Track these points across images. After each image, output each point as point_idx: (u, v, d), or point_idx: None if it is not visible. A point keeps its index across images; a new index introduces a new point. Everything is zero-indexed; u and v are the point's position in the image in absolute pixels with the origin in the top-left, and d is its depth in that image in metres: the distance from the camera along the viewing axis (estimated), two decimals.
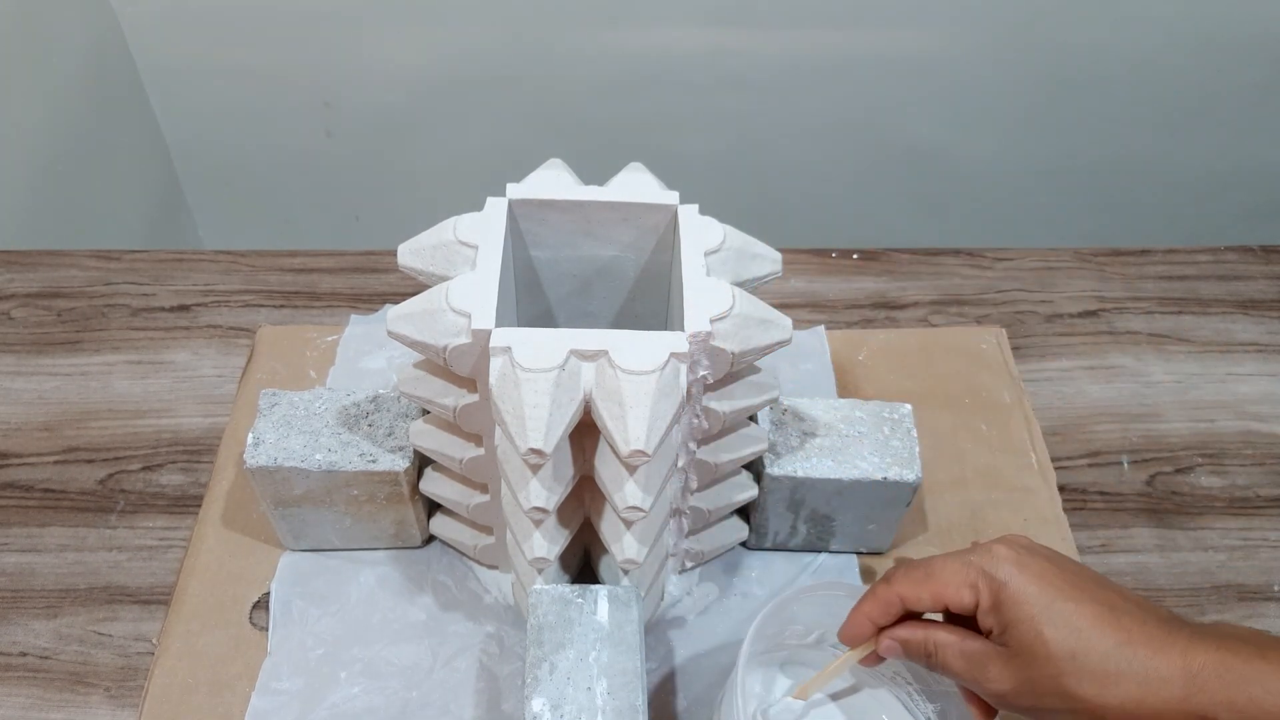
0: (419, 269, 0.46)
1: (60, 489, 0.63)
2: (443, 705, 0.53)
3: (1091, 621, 0.39)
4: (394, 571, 0.58)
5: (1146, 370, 0.72)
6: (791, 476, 0.53)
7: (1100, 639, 0.38)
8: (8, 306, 0.74)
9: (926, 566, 0.43)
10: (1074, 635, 0.39)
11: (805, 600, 0.49)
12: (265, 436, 0.53)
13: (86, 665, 0.55)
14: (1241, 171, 1.17)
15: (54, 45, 0.93)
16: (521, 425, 0.39)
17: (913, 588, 0.43)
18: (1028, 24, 1.03)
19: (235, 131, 1.12)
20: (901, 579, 0.44)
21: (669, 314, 0.51)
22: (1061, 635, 0.39)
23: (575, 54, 1.05)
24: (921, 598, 0.43)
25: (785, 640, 0.52)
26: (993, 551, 0.42)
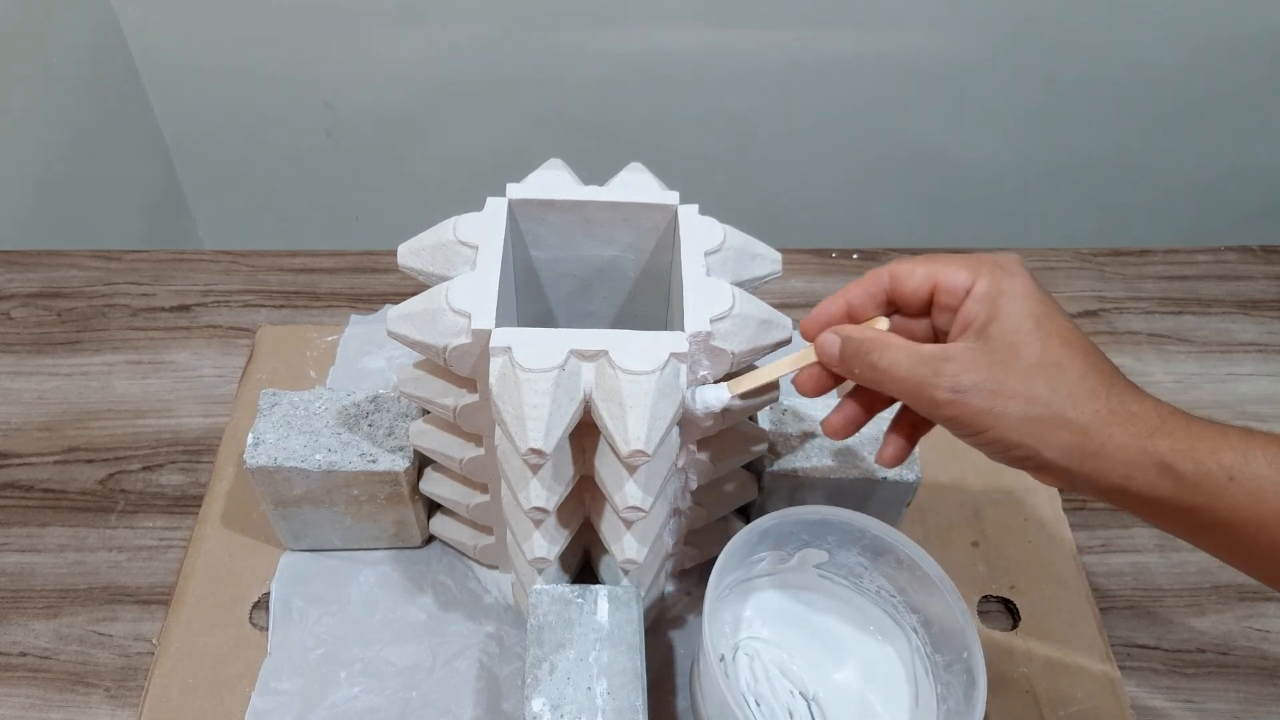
0: (419, 269, 0.46)
1: (60, 489, 0.63)
2: (443, 705, 0.53)
3: (1082, 347, 0.37)
4: (394, 571, 0.58)
5: (1146, 370, 0.72)
6: (791, 476, 0.53)
7: (1084, 360, 0.37)
8: (8, 306, 0.74)
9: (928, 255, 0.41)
10: (1063, 345, 0.37)
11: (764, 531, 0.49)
12: (265, 436, 0.53)
13: (86, 665, 0.55)
14: (1241, 171, 1.16)
15: (54, 45, 0.93)
16: (521, 425, 0.39)
17: (909, 264, 0.41)
18: (1028, 24, 1.03)
19: (235, 131, 1.12)
20: (899, 260, 0.41)
21: (669, 314, 0.51)
22: (1051, 343, 0.37)
23: (575, 54, 1.05)
24: (915, 272, 0.40)
25: (753, 574, 0.53)
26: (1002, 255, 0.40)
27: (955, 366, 0.37)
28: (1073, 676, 0.55)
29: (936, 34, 1.04)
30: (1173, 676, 0.56)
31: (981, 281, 0.39)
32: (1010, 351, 0.37)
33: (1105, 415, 0.36)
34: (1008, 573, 0.59)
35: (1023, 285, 0.38)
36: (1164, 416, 0.36)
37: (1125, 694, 0.54)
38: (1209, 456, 0.35)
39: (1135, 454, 0.36)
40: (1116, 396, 0.37)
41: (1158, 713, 0.54)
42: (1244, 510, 0.35)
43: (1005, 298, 0.38)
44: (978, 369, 0.37)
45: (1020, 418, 0.36)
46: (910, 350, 0.39)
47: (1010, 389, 0.37)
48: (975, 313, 0.38)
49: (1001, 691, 0.54)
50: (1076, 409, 0.36)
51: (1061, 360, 0.37)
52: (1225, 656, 0.57)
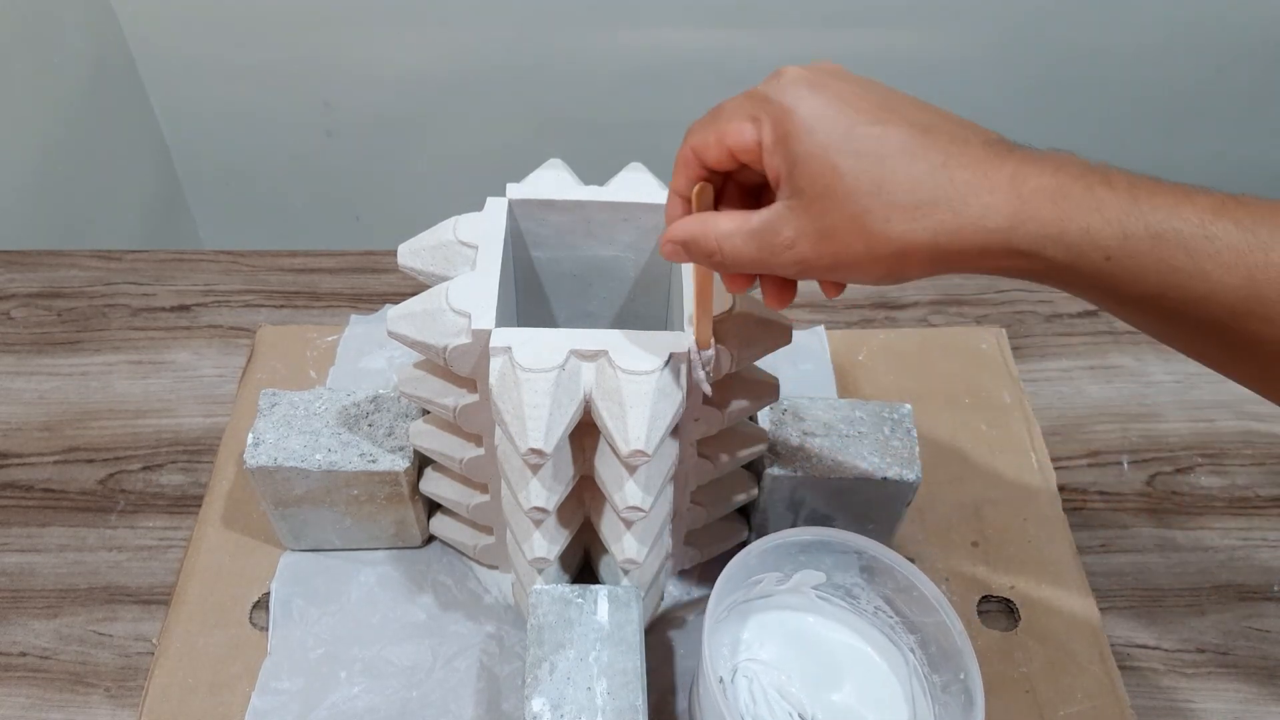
0: (419, 269, 0.46)
1: (60, 489, 0.63)
2: (443, 705, 0.53)
3: (900, 146, 0.32)
4: (394, 571, 0.58)
5: (1146, 370, 0.72)
6: (791, 476, 0.53)
7: (911, 164, 0.32)
8: (8, 306, 0.74)
9: (715, 108, 0.36)
10: (877, 164, 0.32)
11: (763, 552, 0.49)
12: (265, 436, 0.53)
13: (86, 665, 0.55)
14: (1241, 171, 1.16)
15: (54, 45, 0.93)
16: (521, 425, 0.39)
17: (700, 134, 0.36)
18: (1028, 24, 1.03)
19: (235, 131, 1.12)
20: (694, 128, 0.37)
21: (669, 314, 0.52)
22: (862, 166, 0.32)
23: (575, 54, 1.05)
24: (709, 143, 0.36)
25: (752, 595, 0.53)
26: (781, 74, 0.34)
27: (785, 235, 0.34)
28: (1073, 676, 0.55)
29: (936, 34, 1.04)
30: (1173, 676, 0.56)
31: (766, 129, 0.34)
32: (825, 194, 0.33)
33: (951, 221, 0.32)
34: (1008, 573, 0.59)
35: (809, 111, 0.33)
36: (1025, 195, 0.31)
37: (1125, 694, 0.54)
38: (1081, 236, 0.31)
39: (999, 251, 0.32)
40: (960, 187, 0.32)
41: (1158, 713, 0.54)
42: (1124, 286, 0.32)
43: (794, 139, 0.33)
44: (806, 230, 0.33)
45: (866, 259, 0.33)
46: (742, 231, 0.35)
47: (843, 236, 0.33)
48: (775, 164, 0.34)
49: (1001, 691, 0.54)
50: (916, 228, 0.32)
51: (880, 178, 0.32)
52: (1225, 656, 0.57)
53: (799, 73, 0.34)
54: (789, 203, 0.34)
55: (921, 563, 0.59)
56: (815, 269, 0.35)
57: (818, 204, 0.33)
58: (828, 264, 0.34)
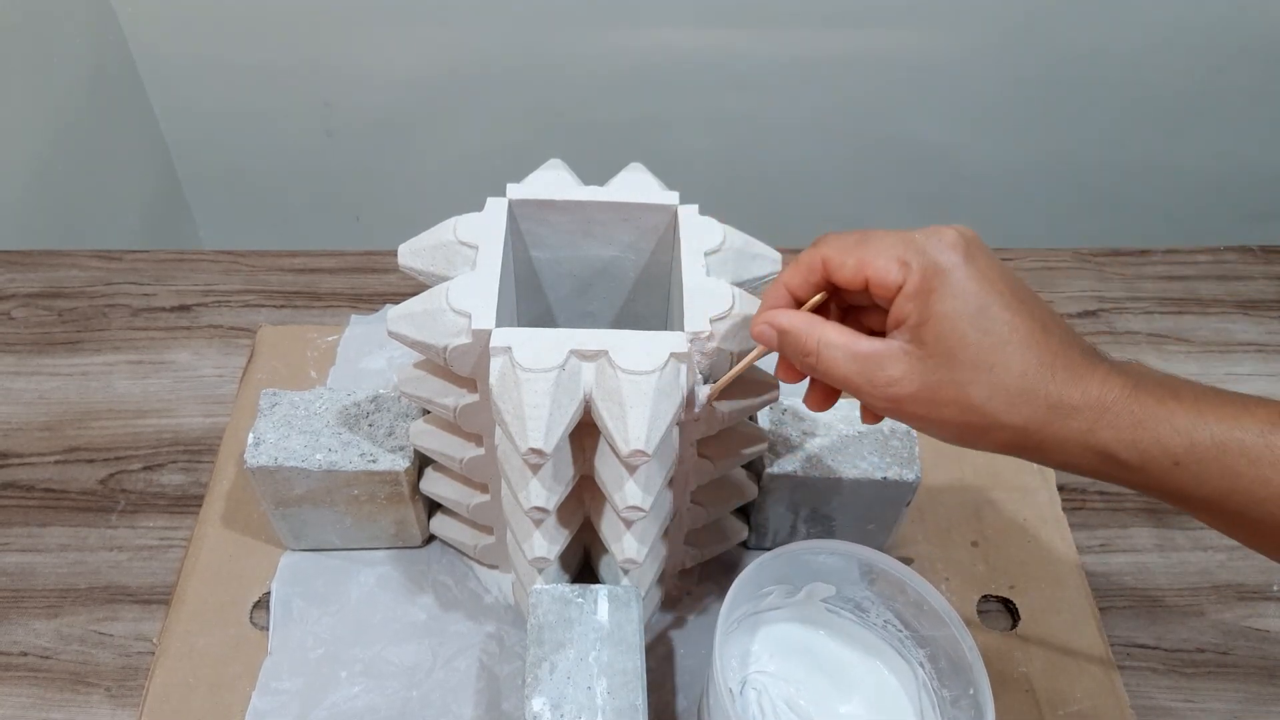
0: (419, 269, 0.46)
1: (61, 489, 0.63)
2: (443, 705, 0.53)
3: (1021, 336, 0.35)
4: (394, 571, 0.58)
5: None
6: (791, 476, 0.53)
7: (1023, 356, 0.35)
8: (8, 306, 0.74)
9: (862, 233, 0.38)
10: (998, 346, 0.35)
11: (775, 564, 0.49)
12: (266, 436, 0.53)
13: (87, 665, 0.55)
14: (1241, 171, 1.16)
15: (54, 45, 0.93)
16: (521, 425, 0.39)
17: (840, 252, 0.38)
18: (1028, 24, 1.03)
19: (235, 131, 1.12)
20: (831, 241, 0.38)
21: (669, 314, 0.52)
22: (986, 342, 0.35)
23: (575, 54, 1.05)
24: (846, 263, 0.37)
25: (762, 606, 0.53)
26: (941, 234, 0.36)
27: (889, 374, 0.36)
28: (1073, 676, 0.55)
29: (936, 34, 1.04)
30: (1172, 676, 0.56)
31: (913, 278, 0.36)
32: (944, 355, 0.35)
33: (1043, 414, 0.35)
34: (1008, 573, 0.59)
35: (958, 279, 0.35)
36: (1108, 404, 0.35)
37: (1125, 694, 0.54)
38: (1152, 444, 0.34)
39: (1076, 448, 0.35)
40: (1058, 388, 0.35)
41: (1158, 712, 0.54)
42: (1189, 490, 0.35)
43: (938, 296, 0.36)
44: (911, 377, 0.36)
45: (957, 423, 0.36)
46: (847, 349, 0.37)
47: (944, 396, 0.36)
48: (907, 311, 0.36)
49: (1001, 691, 0.54)
50: (1012, 412, 0.35)
51: (996, 361, 0.35)
52: (1225, 656, 0.57)
53: (955, 238, 0.36)
54: (906, 347, 0.36)
55: (921, 563, 0.59)
56: (902, 411, 0.37)
57: (933, 360, 0.36)
58: (918, 413, 0.37)
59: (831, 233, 0.39)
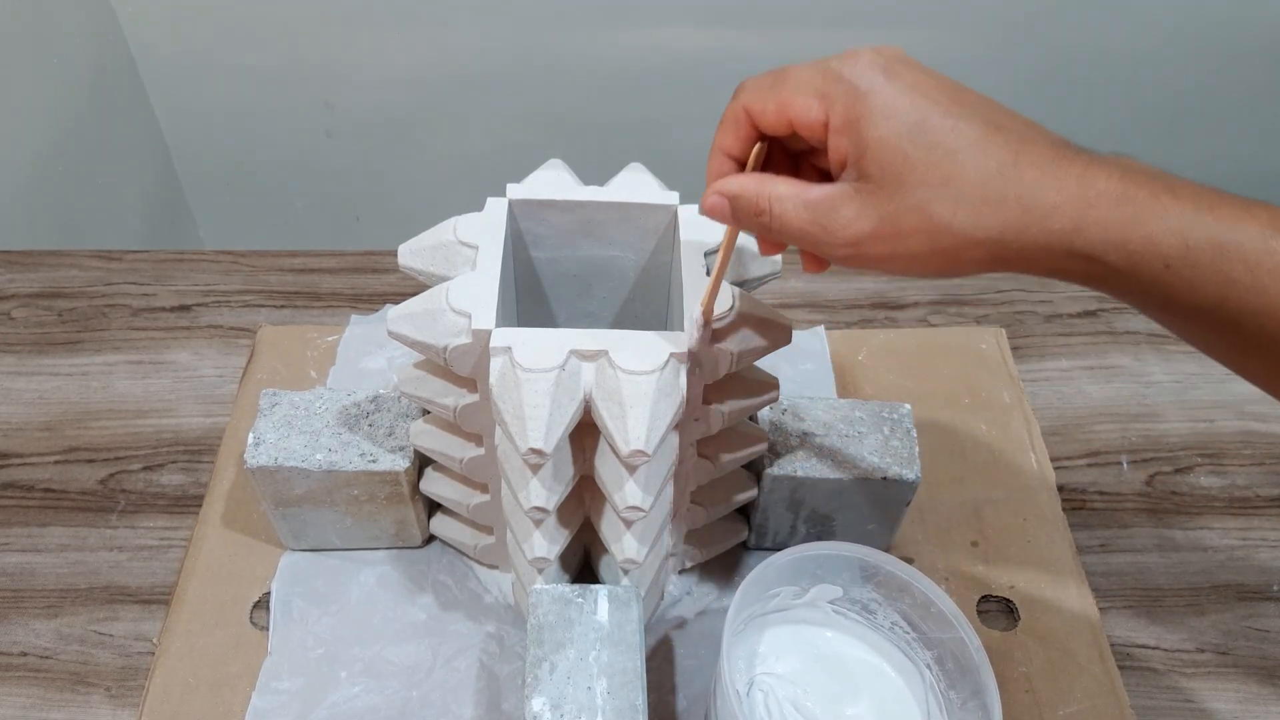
0: (419, 269, 0.46)
1: (61, 489, 0.63)
2: (443, 705, 0.53)
3: (972, 141, 0.32)
4: (394, 571, 0.58)
5: (1146, 370, 0.72)
6: (791, 476, 0.53)
7: (981, 160, 0.32)
8: (8, 306, 0.74)
9: (778, 72, 0.35)
10: (948, 157, 0.32)
11: (782, 565, 0.49)
12: (266, 436, 0.53)
13: (87, 665, 0.55)
14: (1241, 172, 1.16)
15: (54, 45, 0.93)
16: (521, 425, 0.39)
17: (758, 97, 0.35)
18: (1028, 24, 1.03)
19: (235, 131, 1.12)
20: (749, 87, 0.36)
21: (669, 314, 0.52)
22: (934, 156, 0.32)
23: (575, 54, 1.05)
24: (767, 109, 0.35)
25: (769, 608, 0.53)
26: (856, 56, 0.34)
27: (843, 216, 0.34)
28: (1073, 676, 0.55)
29: (936, 34, 1.04)
30: (1172, 676, 0.56)
31: (835, 109, 0.34)
32: (894, 182, 0.33)
33: (1018, 218, 0.32)
34: (1008, 573, 0.59)
35: (884, 98, 0.33)
36: (1092, 199, 0.31)
37: (1125, 694, 0.54)
38: (1144, 244, 0.31)
39: (1059, 252, 0.32)
40: (1029, 187, 0.32)
41: (1158, 712, 0.54)
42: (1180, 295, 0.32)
43: (867, 122, 0.33)
44: (865, 214, 0.33)
45: (925, 252, 0.33)
46: (797, 200, 0.35)
47: (904, 226, 0.33)
48: (842, 146, 0.34)
49: (1001, 691, 0.54)
50: (982, 223, 0.32)
51: (950, 173, 0.32)
52: (1225, 656, 0.57)
53: (873, 57, 0.34)
54: (854, 184, 0.34)
55: (921, 563, 0.59)
56: (866, 253, 0.34)
57: (884, 190, 0.33)
58: (881, 251, 0.34)
59: (749, 77, 0.36)
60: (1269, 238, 0.30)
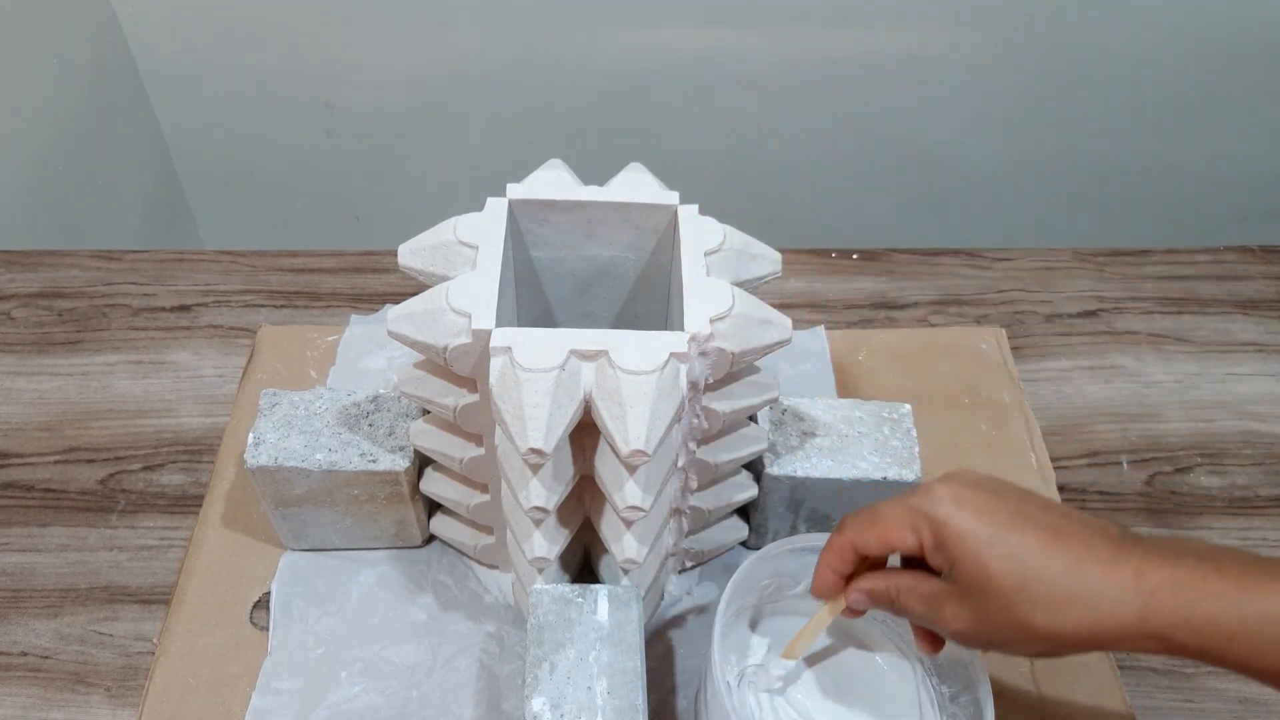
0: (419, 269, 0.46)
1: (61, 489, 0.63)
2: (443, 705, 0.53)
3: (1036, 550, 0.38)
4: (394, 571, 0.58)
5: (1146, 370, 0.72)
6: (791, 476, 0.53)
7: (1047, 566, 0.38)
8: (8, 306, 0.74)
9: (872, 511, 0.43)
10: (1019, 566, 0.38)
11: (774, 558, 0.49)
12: (266, 436, 0.53)
13: (87, 665, 0.55)
14: (1241, 172, 1.16)
15: (54, 45, 0.93)
16: (521, 425, 0.39)
17: (860, 534, 0.43)
18: (1028, 24, 1.03)
19: (235, 131, 1.12)
20: (850, 526, 0.43)
21: (669, 314, 0.52)
22: (1007, 567, 0.38)
23: (575, 54, 1.04)
24: (869, 542, 0.42)
25: (760, 599, 0.53)
26: (931, 491, 0.41)
27: (948, 613, 0.40)
28: (1073, 676, 0.55)
29: (936, 34, 1.04)
30: (1173, 677, 0.56)
31: (925, 538, 0.41)
32: (980, 590, 0.39)
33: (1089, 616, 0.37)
34: None
35: (958, 523, 0.39)
36: (1149, 591, 0.36)
37: (1125, 694, 0.54)
38: (1205, 623, 0.35)
39: (1134, 636, 0.37)
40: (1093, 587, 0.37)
41: (1158, 713, 0.54)
42: (1252, 663, 0.36)
43: (949, 545, 0.39)
44: (963, 614, 0.40)
45: (1022, 642, 0.39)
46: (918, 593, 0.41)
47: (997, 624, 0.39)
48: (938, 562, 0.41)
49: (1001, 692, 0.54)
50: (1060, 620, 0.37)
51: (1023, 579, 0.38)
52: None
53: (944, 491, 0.41)
54: (951, 588, 0.40)
55: None
56: (973, 643, 0.41)
57: (973, 595, 0.39)
58: (984, 641, 0.40)
59: (847, 516, 0.44)
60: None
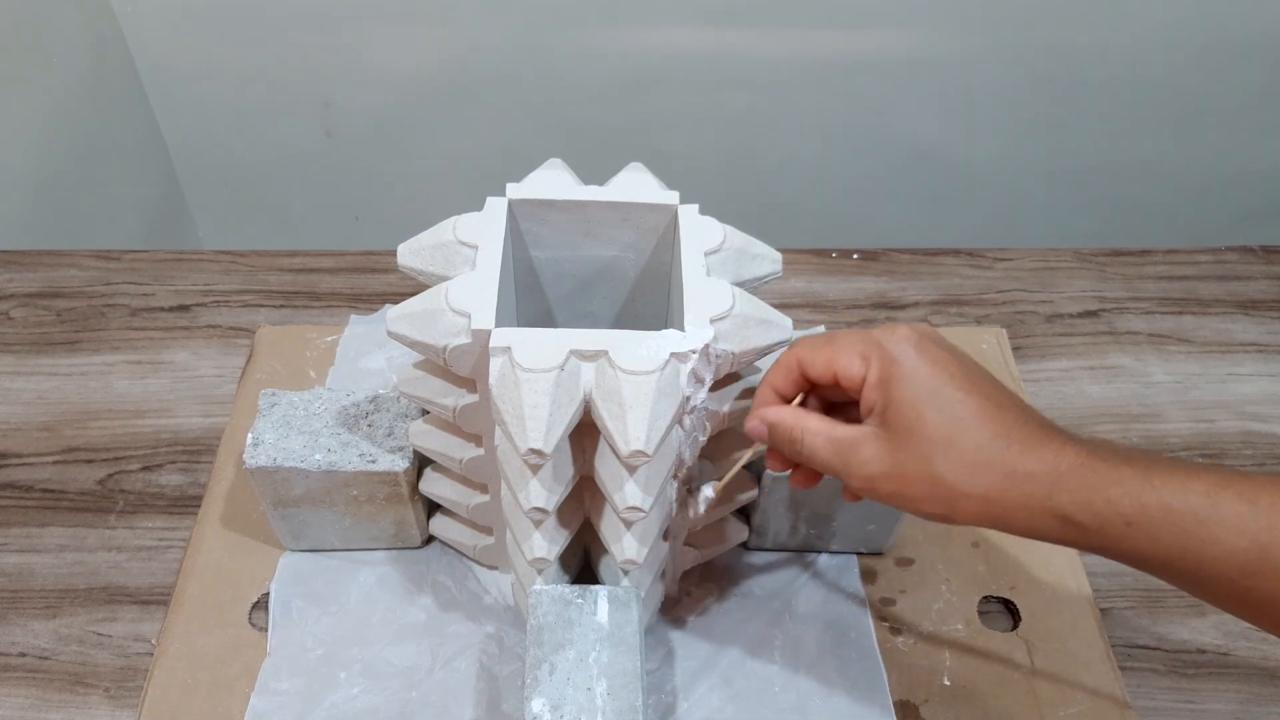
0: (419, 269, 0.46)
1: (60, 489, 0.63)
2: (442, 706, 0.53)
3: (974, 412, 0.39)
4: (394, 571, 0.58)
5: (1147, 370, 0.72)
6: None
7: (977, 429, 0.38)
8: (7, 306, 0.74)
9: (829, 334, 0.43)
10: (953, 422, 0.38)
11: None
12: (265, 437, 0.53)
13: (86, 665, 0.55)
14: (1241, 172, 1.16)
15: (54, 45, 0.93)
16: (521, 425, 0.39)
17: (810, 350, 0.42)
18: (1028, 24, 1.02)
19: (235, 131, 1.12)
20: (802, 344, 0.43)
21: (669, 314, 0.51)
22: (942, 420, 0.38)
23: (575, 54, 1.04)
24: (816, 361, 0.42)
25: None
26: (895, 330, 0.41)
27: (862, 456, 0.40)
28: (1073, 676, 0.54)
29: (937, 34, 1.04)
30: (1173, 677, 0.56)
31: (873, 369, 0.40)
32: (906, 434, 0.39)
33: (1001, 482, 0.38)
34: (1007, 573, 0.59)
35: (911, 365, 0.40)
36: (1062, 470, 0.37)
37: (1126, 694, 0.54)
38: (1105, 505, 0.36)
39: (1036, 512, 0.38)
40: (1013, 457, 0.38)
41: (1158, 712, 0.54)
42: (1143, 550, 0.37)
43: (894, 383, 0.40)
44: (881, 457, 0.40)
45: (926, 497, 0.39)
46: (826, 436, 0.41)
47: (911, 472, 0.39)
48: (872, 399, 0.40)
49: (1002, 692, 0.54)
50: (973, 481, 0.38)
51: (953, 435, 0.38)
52: (1225, 657, 0.57)
53: (907, 332, 0.41)
54: (875, 431, 0.40)
55: (922, 563, 0.59)
56: (877, 490, 0.40)
57: (898, 439, 0.39)
58: (890, 489, 0.40)
59: (803, 335, 0.44)
60: (1213, 493, 0.35)
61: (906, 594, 0.58)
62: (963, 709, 0.53)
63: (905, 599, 0.58)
